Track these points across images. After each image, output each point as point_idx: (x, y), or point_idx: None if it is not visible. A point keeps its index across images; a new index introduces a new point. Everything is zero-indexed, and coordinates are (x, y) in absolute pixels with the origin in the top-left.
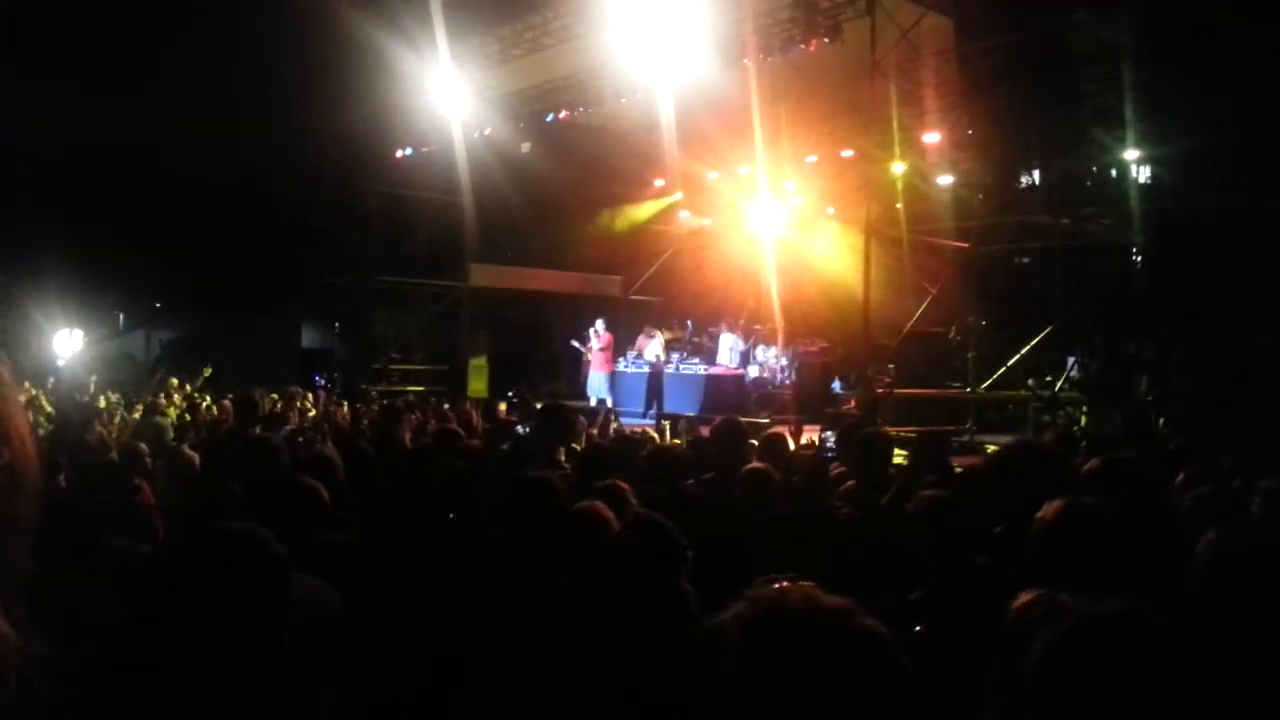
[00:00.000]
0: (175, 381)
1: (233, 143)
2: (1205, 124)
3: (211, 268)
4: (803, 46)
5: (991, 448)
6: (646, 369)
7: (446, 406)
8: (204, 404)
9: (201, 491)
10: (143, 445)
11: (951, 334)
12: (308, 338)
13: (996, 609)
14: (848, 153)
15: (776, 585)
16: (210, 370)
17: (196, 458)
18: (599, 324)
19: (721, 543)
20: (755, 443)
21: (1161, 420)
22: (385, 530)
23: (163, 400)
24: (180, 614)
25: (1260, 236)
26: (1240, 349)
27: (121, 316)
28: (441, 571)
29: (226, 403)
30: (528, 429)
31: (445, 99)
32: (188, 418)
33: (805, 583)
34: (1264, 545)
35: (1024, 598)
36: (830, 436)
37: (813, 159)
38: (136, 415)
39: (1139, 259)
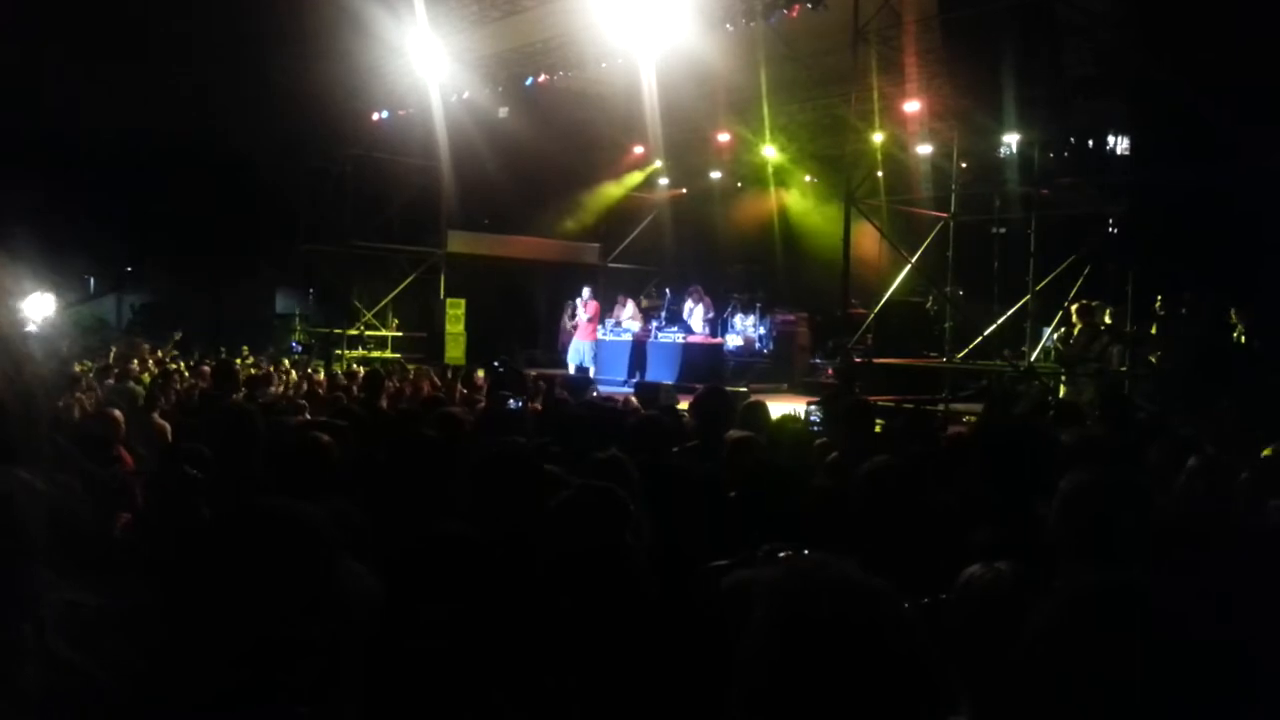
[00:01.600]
0: (147, 346)
1: (205, 104)
2: (1186, 96)
3: (184, 231)
4: (785, 12)
5: (969, 418)
6: (629, 337)
7: (413, 373)
8: (176, 369)
9: (174, 461)
10: (117, 412)
11: (929, 304)
12: (282, 303)
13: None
14: (828, 120)
15: (791, 555)
16: (179, 335)
17: (168, 426)
18: (585, 291)
19: (707, 511)
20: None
21: (1131, 392)
22: (384, 500)
23: (134, 366)
24: (213, 604)
25: (1239, 208)
26: (1216, 321)
27: (92, 280)
28: (452, 545)
29: (204, 368)
30: (519, 402)
31: (422, 61)
32: (159, 384)
33: (825, 555)
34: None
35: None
36: (815, 409)
37: (794, 126)
38: (110, 382)
39: (1115, 230)
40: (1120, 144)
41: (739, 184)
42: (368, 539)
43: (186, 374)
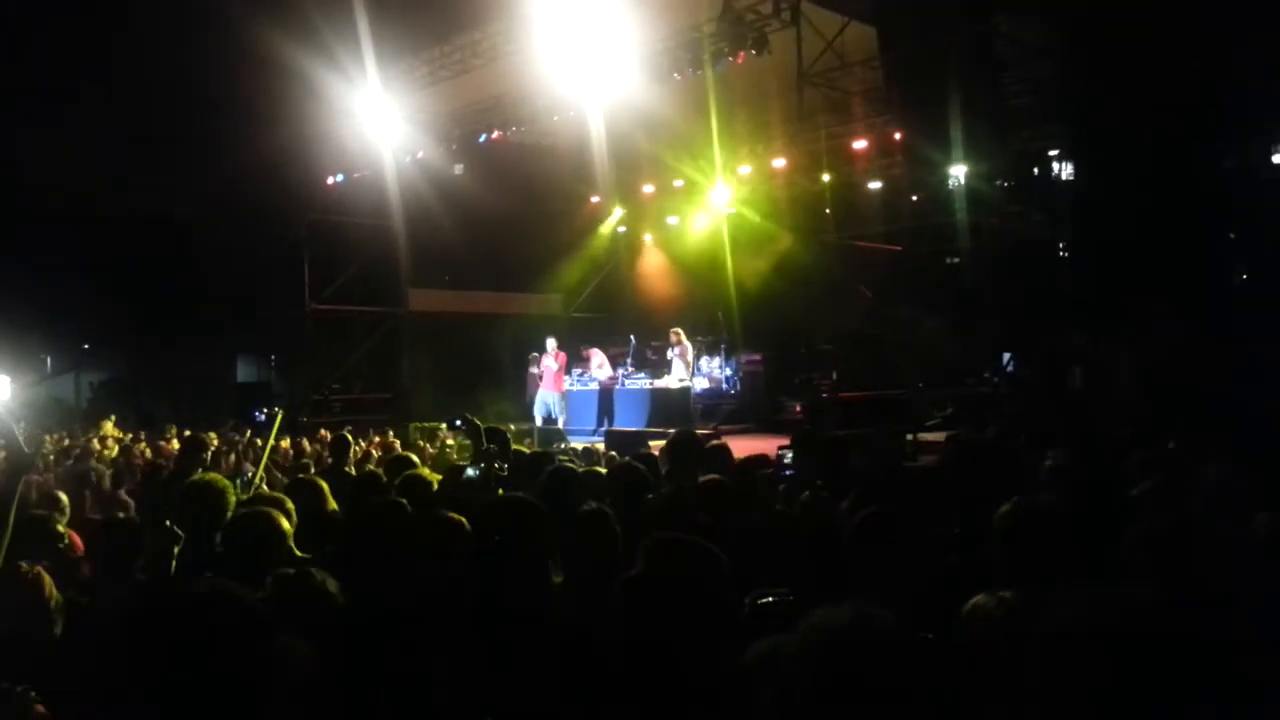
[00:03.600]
0: (110, 424)
1: (158, 175)
2: (1124, 121)
3: (140, 304)
4: (730, 59)
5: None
6: (595, 385)
7: (386, 436)
8: (139, 447)
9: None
10: (62, 494)
11: (887, 336)
12: (243, 371)
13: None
14: (779, 162)
15: (764, 599)
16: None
17: (131, 503)
18: (550, 342)
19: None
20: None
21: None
22: (350, 569)
23: (96, 444)
24: (150, 684)
25: (1180, 231)
26: (1168, 342)
27: (49, 359)
28: (414, 613)
29: (165, 445)
30: (476, 468)
31: (375, 123)
32: (121, 461)
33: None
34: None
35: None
36: (787, 452)
37: (745, 170)
38: (69, 463)
39: (1065, 254)
40: (1065, 170)
41: (695, 228)
42: (337, 605)
43: (147, 451)
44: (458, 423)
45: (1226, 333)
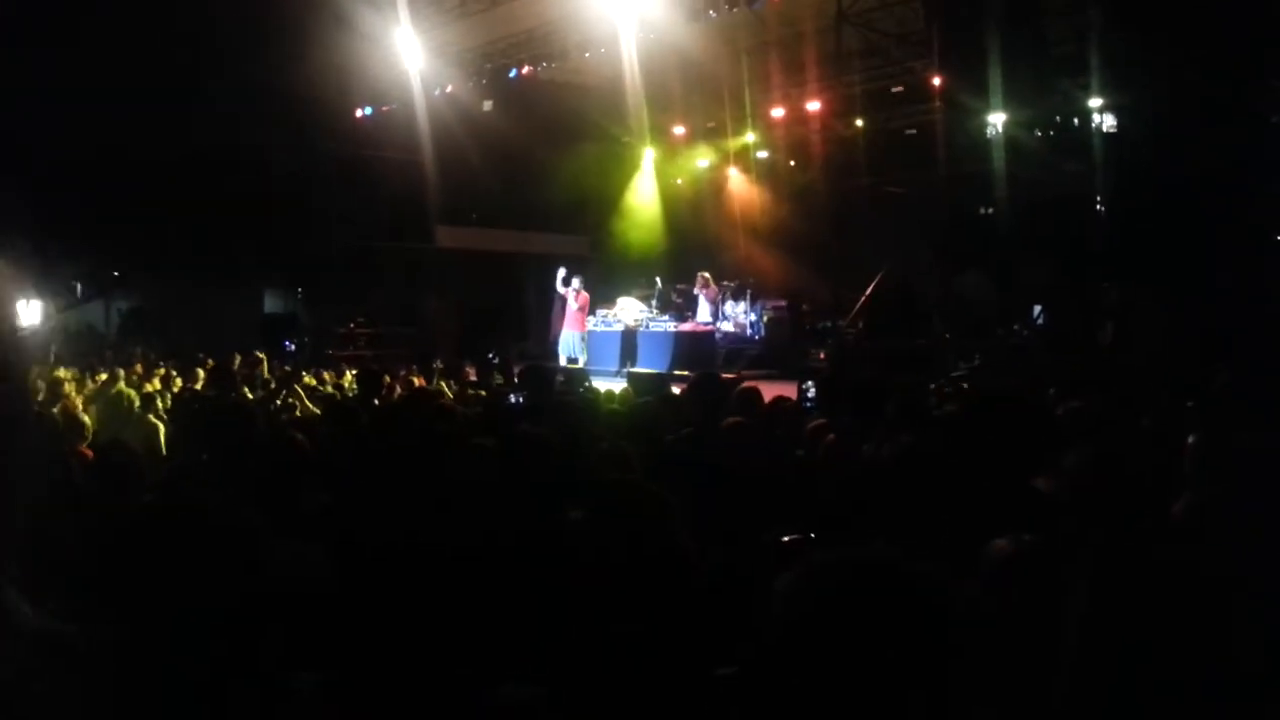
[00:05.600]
0: (140, 351)
1: (187, 107)
2: (1168, 72)
3: (170, 235)
4: None
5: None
6: (620, 327)
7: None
8: (162, 373)
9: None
10: (85, 417)
11: (915, 286)
12: (270, 303)
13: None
14: (813, 105)
15: (785, 538)
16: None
17: (160, 425)
18: (576, 281)
19: (705, 497)
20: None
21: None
22: (372, 495)
23: (128, 373)
24: (132, 591)
25: (1220, 185)
26: (1202, 297)
27: (79, 286)
28: (433, 541)
29: (200, 372)
30: (518, 397)
31: (404, 56)
32: (151, 388)
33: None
34: None
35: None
36: (810, 387)
37: (779, 112)
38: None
39: (1102, 208)
40: (1106, 121)
41: (726, 171)
42: (348, 530)
43: (177, 380)
44: (491, 358)
45: (1262, 292)
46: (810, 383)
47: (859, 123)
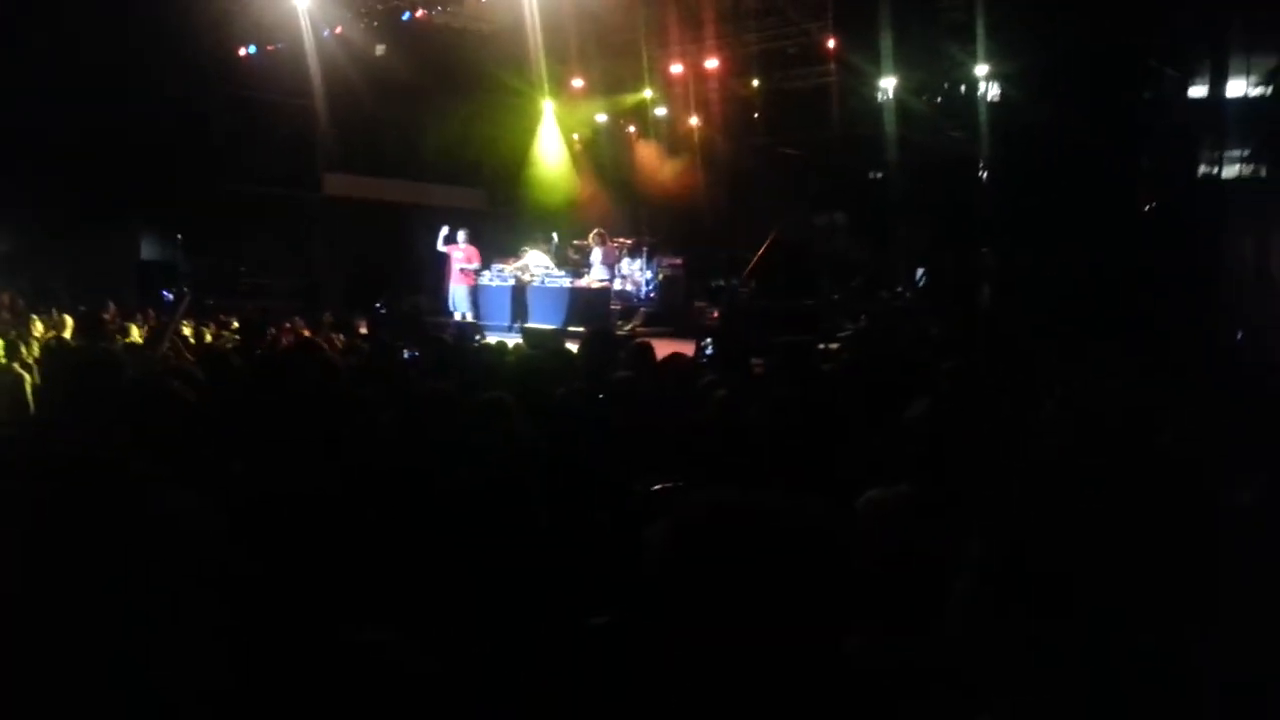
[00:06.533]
0: (4, 297)
1: (61, 40)
2: (1050, 42)
3: (39, 176)
4: None
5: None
6: (511, 282)
7: (297, 323)
8: (34, 321)
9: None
10: None
11: (805, 246)
12: (147, 250)
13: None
14: (711, 63)
15: (657, 486)
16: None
17: (27, 376)
18: (461, 235)
19: (590, 450)
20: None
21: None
22: (256, 447)
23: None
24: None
25: (1096, 157)
26: (1075, 261)
27: None
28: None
29: (66, 318)
30: (412, 352)
31: None
32: (18, 334)
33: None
34: None
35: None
36: (709, 345)
37: (677, 69)
38: None
39: (985, 174)
40: (991, 89)
41: (623, 127)
42: (238, 485)
43: (42, 327)
44: (378, 307)
45: (1130, 258)
46: (709, 340)
47: (755, 82)
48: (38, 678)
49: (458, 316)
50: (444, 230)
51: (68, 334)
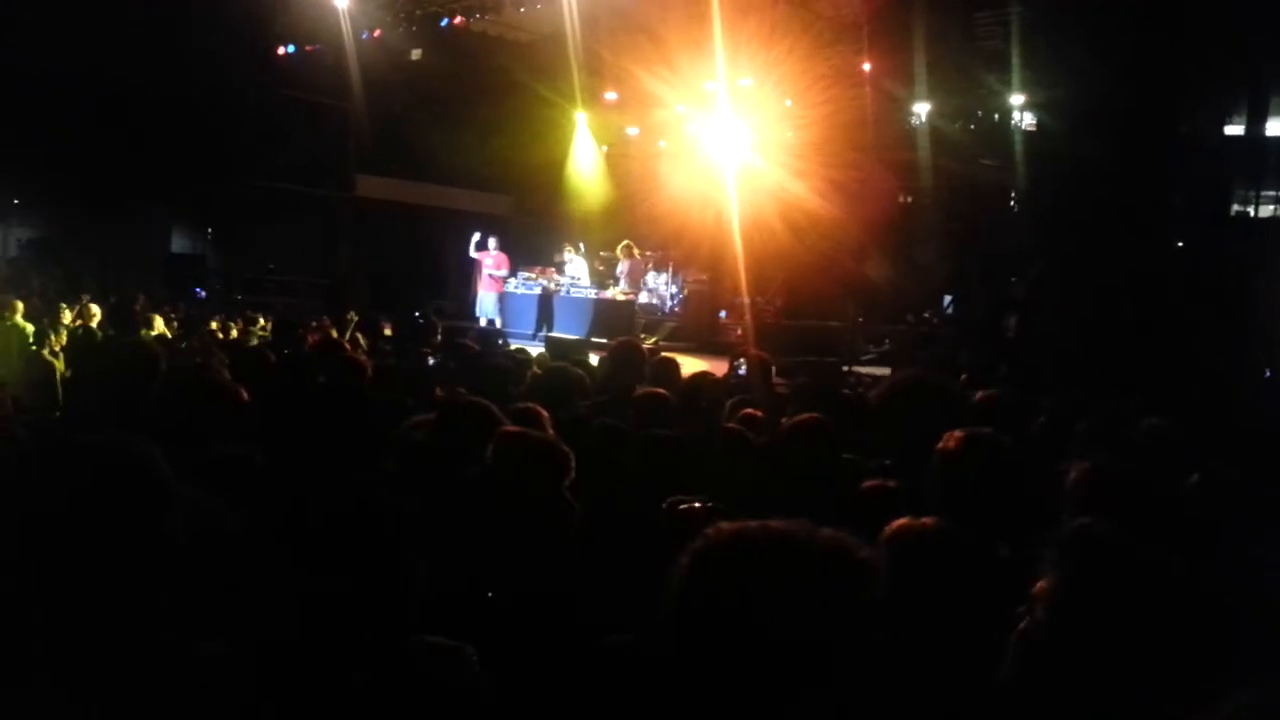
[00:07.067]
0: (39, 285)
1: (101, 32)
2: (1085, 75)
3: (75, 164)
4: None
5: (874, 375)
6: (538, 290)
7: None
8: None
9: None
10: None
11: (832, 267)
12: (178, 243)
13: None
14: (745, 82)
15: (684, 505)
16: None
17: (57, 364)
18: (492, 242)
19: (612, 463)
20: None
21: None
22: (289, 447)
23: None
24: (35, 542)
25: (1128, 191)
26: (1103, 295)
27: None
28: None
29: (93, 307)
30: (437, 358)
31: None
32: (47, 322)
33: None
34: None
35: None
36: (741, 364)
37: (711, 86)
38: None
39: (1015, 203)
40: (1025, 119)
41: (655, 142)
42: (270, 482)
43: (71, 316)
44: (416, 316)
45: (1162, 295)
46: (741, 360)
47: (788, 103)
48: (43, 676)
49: (483, 323)
50: (476, 236)
51: (94, 323)
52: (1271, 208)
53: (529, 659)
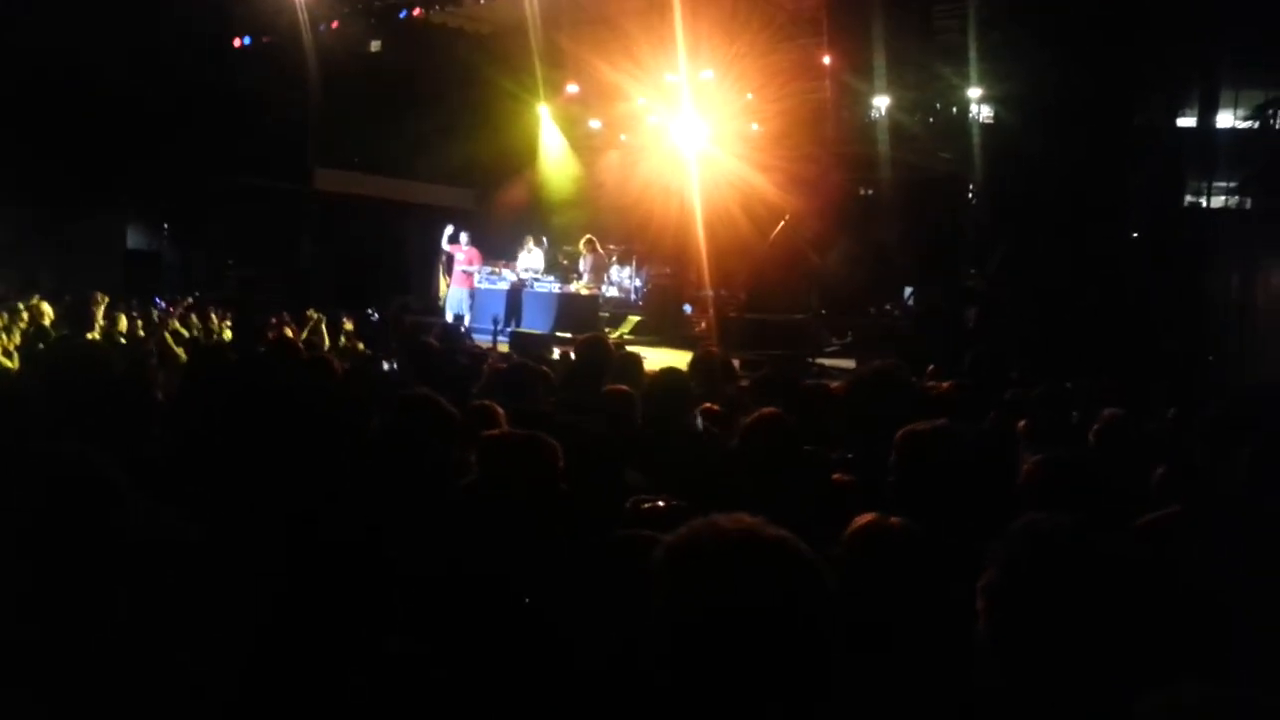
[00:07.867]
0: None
1: (52, 26)
2: (1043, 68)
3: (26, 162)
4: None
5: (838, 367)
6: (505, 285)
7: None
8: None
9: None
10: None
11: (795, 261)
12: (134, 239)
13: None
14: (706, 74)
15: (648, 504)
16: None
17: (10, 364)
18: (464, 237)
19: (582, 462)
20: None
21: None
22: (241, 452)
23: None
24: None
25: (1088, 177)
26: (1061, 285)
27: None
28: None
29: (45, 306)
30: (391, 364)
31: None
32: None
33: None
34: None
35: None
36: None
37: (673, 78)
38: None
39: (974, 196)
40: (982, 112)
41: (617, 135)
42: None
43: (24, 315)
44: (369, 313)
45: (1116, 283)
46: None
47: (749, 96)
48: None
49: (450, 318)
50: (448, 229)
51: (46, 322)
52: (1223, 198)
53: (528, 658)
